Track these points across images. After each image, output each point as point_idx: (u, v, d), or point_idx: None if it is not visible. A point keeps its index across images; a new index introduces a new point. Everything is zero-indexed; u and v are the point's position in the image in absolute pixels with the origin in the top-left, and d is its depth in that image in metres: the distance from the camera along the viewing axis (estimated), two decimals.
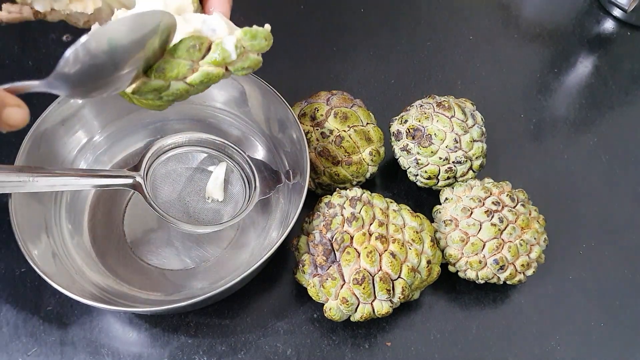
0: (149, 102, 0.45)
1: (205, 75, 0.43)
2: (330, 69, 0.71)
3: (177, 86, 0.43)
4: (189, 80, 0.43)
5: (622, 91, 0.71)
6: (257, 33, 0.43)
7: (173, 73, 0.42)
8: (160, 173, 0.56)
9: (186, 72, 0.43)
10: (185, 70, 0.42)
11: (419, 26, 0.75)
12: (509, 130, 0.67)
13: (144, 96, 0.44)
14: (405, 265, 0.51)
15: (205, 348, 0.54)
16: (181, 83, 0.43)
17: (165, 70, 0.42)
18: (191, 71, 0.43)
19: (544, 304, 0.58)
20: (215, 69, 0.43)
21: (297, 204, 0.52)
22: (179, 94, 0.44)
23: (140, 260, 0.57)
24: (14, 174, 0.48)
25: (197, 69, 0.43)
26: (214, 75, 0.43)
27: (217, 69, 0.43)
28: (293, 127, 0.56)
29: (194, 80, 0.43)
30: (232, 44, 0.42)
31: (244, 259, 0.57)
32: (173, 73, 0.42)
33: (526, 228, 0.54)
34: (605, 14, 0.77)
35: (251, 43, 0.43)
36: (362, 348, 0.55)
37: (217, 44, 0.42)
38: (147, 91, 0.43)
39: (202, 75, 0.43)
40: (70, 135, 0.58)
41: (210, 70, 0.43)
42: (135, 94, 0.44)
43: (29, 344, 0.54)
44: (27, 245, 0.49)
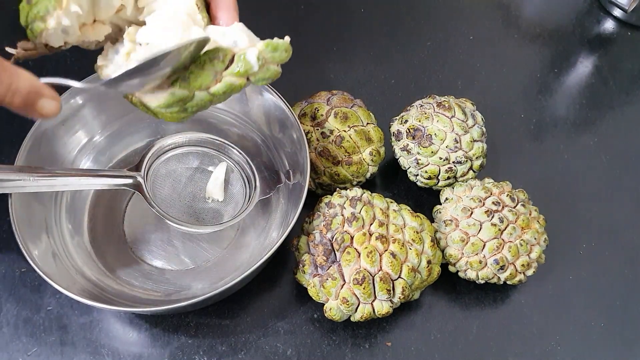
0: (174, 115, 0.46)
1: (229, 86, 0.44)
2: (330, 69, 0.71)
3: (200, 96, 0.44)
4: (212, 90, 0.44)
5: (623, 91, 0.71)
6: (278, 45, 0.44)
7: (197, 83, 0.44)
8: (160, 173, 0.56)
9: (209, 83, 0.44)
10: (209, 81, 0.44)
11: (419, 26, 0.75)
12: (509, 130, 0.67)
13: (169, 109, 0.45)
14: (406, 265, 0.51)
15: (205, 348, 0.54)
16: (205, 93, 0.44)
17: (189, 80, 0.44)
18: (214, 82, 0.44)
19: (544, 304, 0.58)
20: (237, 79, 0.44)
21: (297, 204, 0.52)
22: (203, 104, 0.45)
23: (140, 260, 0.57)
24: (14, 174, 0.48)
25: (221, 80, 0.44)
26: (236, 85, 0.44)
27: (240, 79, 0.44)
28: (293, 127, 0.56)
29: (217, 90, 0.44)
30: (254, 56, 0.43)
31: (244, 259, 0.57)
32: (197, 83, 0.44)
33: (526, 228, 0.54)
34: (605, 14, 0.77)
35: (272, 55, 0.44)
36: (362, 348, 0.55)
37: (239, 56, 0.44)
38: (173, 102, 0.45)
39: (225, 86, 0.44)
40: (70, 135, 0.58)
41: (233, 81, 0.44)
42: (161, 107, 0.45)
43: (29, 344, 0.54)
44: (27, 245, 0.49)
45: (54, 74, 0.44)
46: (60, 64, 0.68)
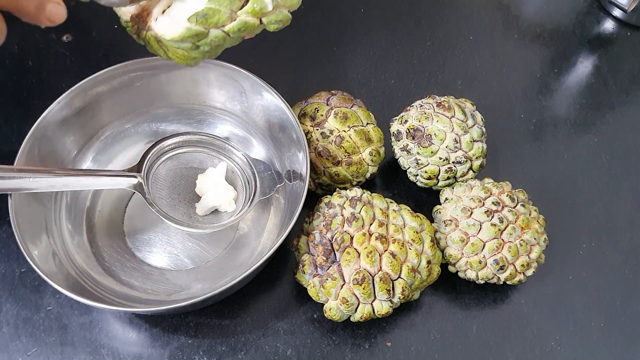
0: (185, 53, 0.47)
1: (243, 24, 0.46)
2: (330, 69, 0.71)
3: (215, 34, 0.46)
4: (227, 28, 0.46)
5: (623, 91, 0.71)
6: None
7: (214, 19, 0.45)
8: (160, 173, 0.56)
9: (225, 20, 0.45)
10: (225, 18, 0.45)
11: (419, 26, 0.75)
12: (509, 130, 0.67)
13: (182, 44, 0.46)
14: (405, 266, 0.51)
15: (205, 348, 0.54)
16: (219, 31, 0.46)
17: (207, 17, 0.45)
18: (230, 20, 0.46)
19: (544, 304, 0.58)
20: (252, 18, 0.46)
21: (297, 204, 0.52)
22: (216, 42, 0.47)
23: (140, 260, 0.57)
24: (14, 173, 0.48)
25: (236, 19, 0.46)
26: (250, 24, 0.46)
27: (254, 19, 0.46)
28: (293, 127, 0.56)
29: (232, 28, 0.46)
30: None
31: (244, 259, 0.57)
32: (214, 19, 0.45)
33: (526, 228, 0.54)
34: (605, 14, 0.77)
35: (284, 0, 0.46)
36: (362, 348, 0.55)
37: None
38: (188, 37, 0.46)
39: (239, 23, 0.46)
40: (70, 135, 0.58)
41: (248, 19, 0.46)
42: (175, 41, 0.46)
43: (29, 344, 0.54)
44: (27, 245, 0.49)
45: (54, 73, 0.44)
46: (59, 64, 0.68)
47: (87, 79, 0.56)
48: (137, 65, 0.58)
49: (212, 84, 0.60)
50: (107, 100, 0.58)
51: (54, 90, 0.57)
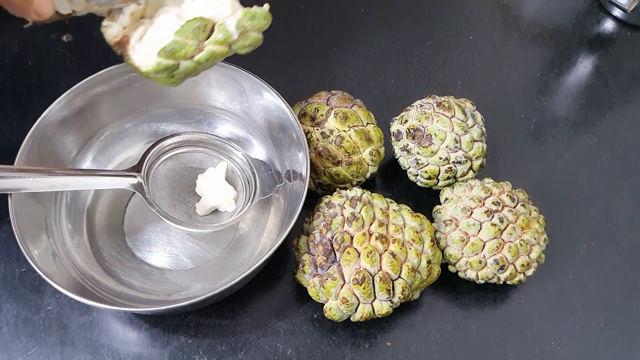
0: (164, 79, 0.48)
1: (211, 53, 0.47)
2: (330, 69, 0.71)
3: (186, 65, 0.47)
4: (196, 58, 0.47)
5: (623, 91, 0.71)
6: (256, 13, 0.46)
7: (182, 52, 0.46)
8: (160, 173, 0.56)
9: (193, 52, 0.46)
10: (193, 50, 0.46)
11: (419, 26, 0.75)
12: (509, 130, 0.67)
13: (158, 75, 0.48)
14: (406, 265, 0.51)
15: (205, 348, 0.54)
16: (190, 62, 0.47)
17: (174, 51, 0.46)
18: (198, 50, 0.46)
19: (544, 304, 0.58)
20: (219, 47, 0.46)
21: (297, 204, 0.52)
22: (189, 72, 0.48)
23: (141, 261, 0.57)
24: (14, 173, 0.48)
25: (203, 48, 0.46)
26: (218, 53, 0.47)
27: (221, 47, 0.47)
28: (293, 127, 0.56)
29: (200, 58, 0.47)
30: (233, 24, 0.46)
31: (244, 259, 0.57)
32: (182, 52, 0.46)
33: (526, 228, 0.54)
34: (605, 14, 0.77)
35: (251, 23, 0.46)
36: (362, 348, 0.55)
37: (220, 25, 0.46)
38: (160, 70, 0.47)
39: (207, 53, 0.46)
40: (70, 135, 0.58)
41: (215, 49, 0.46)
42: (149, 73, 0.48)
43: (29, 344, 0.54)
44: (27, 245, 0.49)
45: (54, 73, 0.44)
46: (59, 64, 0.68)
47: (87, 79, 0.56)
48: None
49: (212, 84, 0.60)
50: (107, 100, 0.58)
51: (54, 90, 0.57)
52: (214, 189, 0.57)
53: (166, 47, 0.46)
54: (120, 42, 0.49)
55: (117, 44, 0.49)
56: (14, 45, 0.70)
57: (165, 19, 0.47)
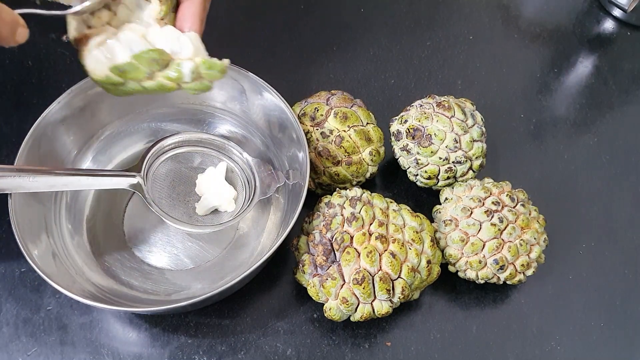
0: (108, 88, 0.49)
1: (160, 85, 0.47)
2: (330, 69, 0.71)
3: (132, 86, 0.48)
4: (144, 84, 0.47)
5: (622, 91, 0.71)
6: (214, 65, 0.47)
7: (132, 75, 0.47)
8: (160, 173, 0.56)
9: (143, 78, 0.47)
10: (142, 77, 0.47)
11: (419, 26, 0.75)
12: (509, 130, 0.67)
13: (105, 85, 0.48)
14: (405, 265, 0.51)
15: (205, 348, 0.54)
16: (137, 84, 0.48)
17: (125, 72, 0.47)
18: (147, 78, 0.47)
19: (544, 304, 0.58)
20: (169, 83, 0.47)
21: (297, 204, 0.52)
22: (134, 92, 0.48)
23: (140, 260, 0.57)
24: (14, 173, 0.48)
25: (154, 78, 0.47)
26: (166, 87, 0.48)
27: (171, 83, 0.47)
28: (293, 127, 0.56)
29: (149, 86, 0.48)
30: (189, 69, 0.47)
31: (244, 259, 0.57)
32: (132, 75, 0.47)
33: (526, 228, 0.54)
34: (605, 14, 0.77)
35: (206, 72, 0.47)
36: (362, 348, 0.55)
37: (177, 64, 0.47)
38: (107, 83, 0.48)
39: (156, 84, 0.47)
40: (70, 135, 0.58)
41: (165, 82, 0.47)
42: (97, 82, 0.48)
43: (29, 344, 0.54)
44: (27, 245, 0.49)
45: (54, 73, 0.45)
46: (59, 64, 0.68)
47: (87, 79, 0.56)
48: None
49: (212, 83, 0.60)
50: (107, 100, 0.58)
51: (54, 90, 0.57)
52: (214, 189, 0.57)
53: (119, 66, 0.46)
54: (80, 41, 0.48)
55: (76, 41, 0.49)
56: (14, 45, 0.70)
57: (130, 36, 0.47)
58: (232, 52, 0.70)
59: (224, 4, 0.65)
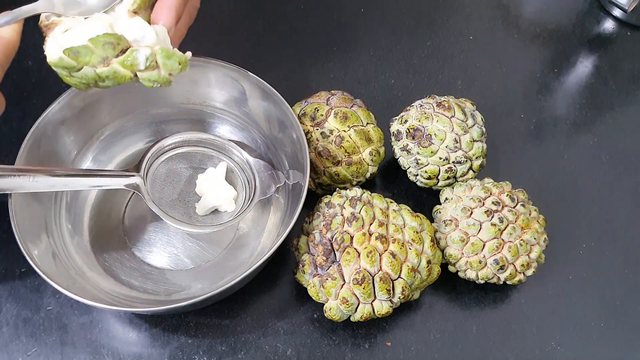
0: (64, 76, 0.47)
1: (113, 72, 0.45)
2: (330, 69, 0.71)
3: (86, 72, 0.46)
4: (98, 70, 0.45)
5: (622, 91, 0.71)
6: (172, 54, 0.45)
7: (85, 59, 0.45)
8: (160, 173, 0.56)
9: (97, 63, 0.45)
10: (97, 61, 0.45)
11: (419, 26, 0.75)
12: (509, 130, 0.67)
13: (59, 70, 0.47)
14: (406, 265, 0.51)
15: (205, 348, 0.54)
16: (91, 71, 0.45)
17: (78, 55, 0.45)
18: (102, 64, 0.45)
19: (544, 304, 0.58)
20: (123, 70, 0.45)
21: (297, 204, 0.52)
22: (89, 80, 0.46)
23: (140, 260, 0.57)
24: (14, 173, 0.48)
25: (108, 65, 0.45)
26: (120, 75, 0.46)
27: (125, 71, 0.45)
28: (293, 127, 0.56)
29: (103, 72, 0.45)
30: (144, 55, 0.45)
31: (244, 259, 0.57)
32: (85, 59, 0.45)
33: (526, 228, 0.54)
34: (605, 14, 0.77)
35: (164, 61, 0.45)
36: (362, 348, 0.55)
37: (131, 50, 0.45)
38: (60, 66, 0.46)
39: (110, 70, 0.45)
40: (70, 135, 0.58)
41: (119, 70, 0.45)
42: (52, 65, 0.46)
43: (29, 344, 0.54)
44: (27, 245, 0.49)
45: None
46: None
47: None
48: None
49: (212, 83, 0.60)
50: (107, 100, 0.58)
51: (54, 90, 0.57)
52: (214, 189, 0.57)
53: (73, 48, 0.45)
54: (47, 27, 0.47)
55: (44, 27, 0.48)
56: None
57: (96, 23, 0.46)
58: (232, 52, 0.70)
59: (224, 4, 0.65)
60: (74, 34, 0.46)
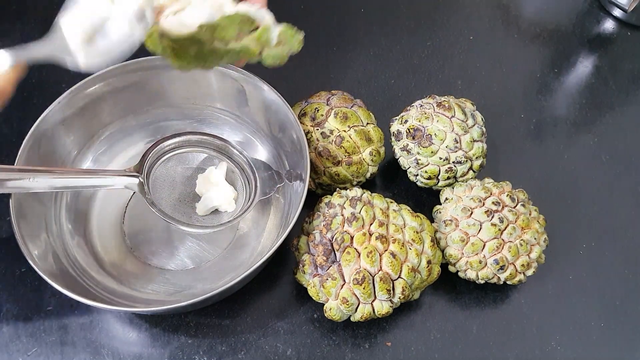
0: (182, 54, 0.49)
1: (245, 48, 0.49)
2: (330, 69, 0.71)
3: (217, 46, 0.49)
4: (229, 46, 0.49)
5: (622, 91, 0.71)
6: (295, 34, 0.50)
7: (222, 33, 0.48)
8: (160, 173, 0.56)
9: (231, 38, 0.49)
10: (231, 36, 0.49)
11: (419, 26, 0.75)
12: (509, 130, 0.67)
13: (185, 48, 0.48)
14: (406, 265, 0.51)
15: (205, 348, 0.54)
16: (222, 45, 0.49)
17: (216, 29, 0.48)
18: (235, 39, 0.49)
19: (544, 304, 0.58)
20: (254, 45, 0.50)
21: (297, 204, 0.52)
22: (214, 56, 0.49)
23: (140, 260, 0.57)
24: (14, 174, 0.48)
25: (240, 40, 0.49)
26: (250, 51, 0.50)
27: (256, 46, 0.50)
28: (293, 127, 0.56)
29: (233, 47, 0.49)
30: (276, 32, 0.50)
31: (244, 259, 0.57)
32: (222, 33, 0.48)
33: (526, 228, 0.54)
34: (605, 14, 0.77)
35: (288, 39, 0.50)
36: (362, 348, 0.55)
37: (265, 27, 0.50)
38: (193, 40, 0.48)
39: (241, 46, 0.49)
40: (70, 135, 0.58)
41: (251, 45, 0.49)
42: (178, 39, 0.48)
43: (29, 344, 0.54)
44: (27, 245, 0.49)
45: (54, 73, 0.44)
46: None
47: (87, 79, 0.56)
48: (137, 65, 0.58)
49: (212, 83, 0.60)
50: (107, 100, 0.58)
51: (54, 90, 0.57)
52: (214, 189, 0.57)
53: (210, 23, 0.48)
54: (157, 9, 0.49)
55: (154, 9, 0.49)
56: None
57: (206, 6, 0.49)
58: None
59: None
60: (190, 15, 0.48)
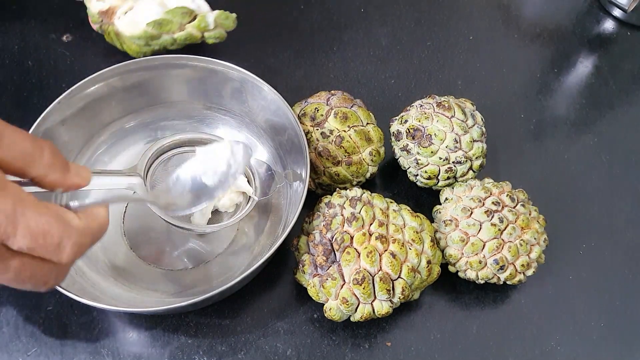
0: (137, 47, 0.63)
1: (189, 35, 0.63)
2: (330, 69, 0.71)
3: (165, 38, 0.62)
4: (175, 36, 0.62)
5: (622, 91, 0.71)
6: (228, 16, 0.64)
7: (167, 27, 0.61)
8: (160, 173, 0.56)
9: (175, 29, 0.62)
10: (175, 28, 0.62)
11: (419, 26, 0.75)
12: (509, 130, 0.67)
13: (137, 42, 0.62)
14: (406, 266, 0.51)
15: (205, 348, 0.54)
16: (169, 37, 0.62)
17: (162, 24, 0.61)
18: (179, 29, 0.62)
19: (544, 304, 0.58)
20: (196, 32, 0.63)
21: (297, 204, 0.52)
22: (165, 44, 0.63)
23: (140, 260, 0.57)
24: None
25: (184, 29, 0.62)
26: (194, 36, 0.63)
27: (198, 32, 0.63)
28: (293, 127, 0.56)
29: (179, 36, 0.62)
30: (212, 18, 0.63)
31: (244, 259, 0.57)
32: (167, 27, 0.61)
33: (526, 228, 0.54)
34: (605, 14, 0.77)
35: (223, 22, 0.64)
36: (362, 348, 0.55)
37: (202, 16, 0.62)
38: (145, 37, 0.62)
39: (186, 34, 0.63)
40: (70, 135, 0.58)
41: (193, 32, 0.63)
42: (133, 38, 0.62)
43: (29, 344, 0.54)
44: None
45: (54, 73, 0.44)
46: (59, 64, 0.68)
47: (87, 79, 0.56)
48: (137, 65, 0.58)
49: (213, 84, 0.60)
50: (107, 100, 0.58)
51: (54, 90, 0.57)
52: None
53: (156, 20, 0.60)
54: (106, 12, 0.62)
55: (102, 13, 0.62)
56: (14, 45, 0.70)
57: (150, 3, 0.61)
58: (232, 52, 0.70)
59: (224, 5, 0.65)
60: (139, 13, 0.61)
